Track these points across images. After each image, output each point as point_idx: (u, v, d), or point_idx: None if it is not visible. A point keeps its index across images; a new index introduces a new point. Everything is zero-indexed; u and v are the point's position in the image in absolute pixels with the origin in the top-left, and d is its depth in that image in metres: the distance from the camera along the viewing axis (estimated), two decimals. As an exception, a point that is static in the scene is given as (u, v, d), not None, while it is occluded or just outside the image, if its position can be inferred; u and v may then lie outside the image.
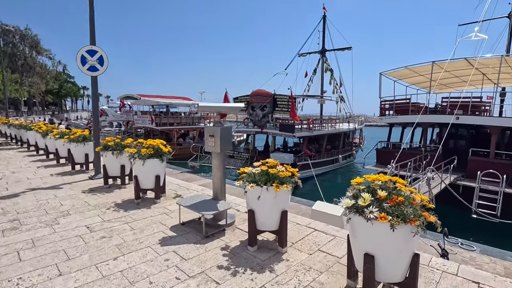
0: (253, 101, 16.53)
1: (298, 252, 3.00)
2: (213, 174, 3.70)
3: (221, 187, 3.69)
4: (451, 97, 13.10)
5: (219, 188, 3.68)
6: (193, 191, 5.27)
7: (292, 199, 9.35)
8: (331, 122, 20.31)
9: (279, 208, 2.94)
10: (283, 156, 15.84)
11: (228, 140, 3.60)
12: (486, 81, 15.29)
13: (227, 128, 3.60)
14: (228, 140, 3.61)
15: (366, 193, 2.10)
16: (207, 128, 3.63)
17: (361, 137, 25.08)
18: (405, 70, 14.09)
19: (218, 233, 3.43)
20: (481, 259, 5.79)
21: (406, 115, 13.60)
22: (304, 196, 13.11)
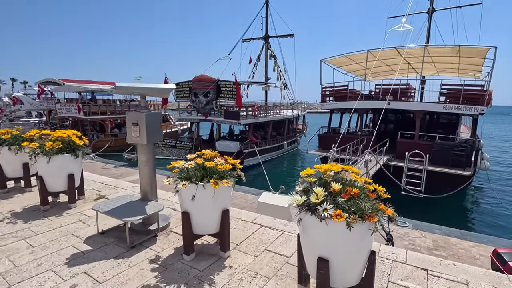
0: (195, 87, 15.57)
1: (243, 255, 2.61)
2: (140, 171, 3.07)
3: (150, 186, 3.08)
4: (383, 84, 14.05)
5: (148, 187, 3.07)
6: (121, 189, 4.50)
7: (239, 188, 9.04)
8: (276, 109, 20.45)
9: (219, 208, 2.49)
10: (229, 144, 15.41)
11: (156, 128, 2.98)
12: (411, 70, 16.86)
13: (155, 114, 2.98)
14: (156, 129, 2.99)
15: (319, 187, 1.77)
16: (129, 115, 2.95)
17: (304, 124, 25.97)
18: (343, 58, 14.67)
19: (148, 241, 2.85)
20: (413, 234, 6.25)
21: (345, 101, 14.25)
22: (251, 184, 12.96)
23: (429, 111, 12.60)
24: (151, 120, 2.92)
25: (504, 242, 5.75)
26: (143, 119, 2.86)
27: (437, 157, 10.95)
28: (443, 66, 16.92)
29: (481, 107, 11.00)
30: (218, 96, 15.45)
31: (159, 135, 3.06)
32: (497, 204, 11.31)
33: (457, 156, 10.75)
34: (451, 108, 11.51)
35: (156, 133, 3.01)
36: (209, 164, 2.39)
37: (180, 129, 26.18)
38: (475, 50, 11.67)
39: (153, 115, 2.96)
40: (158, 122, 3.04)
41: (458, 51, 12.18)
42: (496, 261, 3.20)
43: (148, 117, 2.89)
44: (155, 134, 2.99)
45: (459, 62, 14.48)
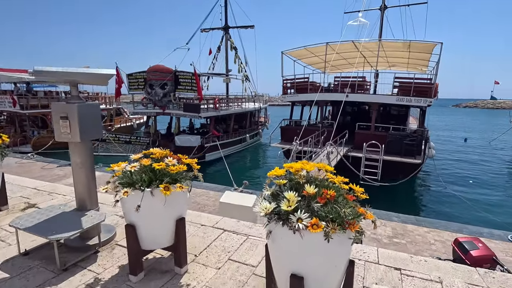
0: (151, 78, 14.51)
1: (203, 269, 2.26)
2: (74, 176, 2.53)
3: (89, 192, 2.56)
4: (341, 77, 14.39)
5: (86, 193, 2.55)
6: (58, 196, 3.83)
7: (200, 185, 8.57)
8: (237, 102, 20.05)
9: (172, 217, 2.10)
10: (189, 138, 14.73)
11: (92, 122, 2.46)
12: (367, 64, 17.56)
13: (90, 105, 2.45)
14: (93, 123, 2.47)
15: (290, 192, 1.48)
16: (55, 106, 2.39)
17: (266, 116, 25.97)
18: (303, 50, 14.72)
19: (86, 260, 2.36)
20: (374, 223, 6.42)
21: (306, 93, 14.35)
22: (213, 180, 12.53)
23: (383, 103, 13.21)
24: (86, 113, 2.39)
25: (454, 227, 6.13)
26: (75, 112, 2.32)
27: (391, 147, 11.51)
28: (395, 61, 17.90)
29: (429, 99, 11.78)
30: (176, 88, 14.58)
31: (97, 131, 2.54)
32: (443, 188, 12.32)
33: (409, 146, 11.42)
34: (403, 100, 12.16)
35: (93, 129, 2.48)
36: (159, 165, 1.98)
37: (136, 123, 24.56)
38: (423, 45, 12.41)
39: (88, 106, 2.43)
40: (95, 114, 2.51)
41: (408, 46, 12.87)
42: (458, 250, 3.27)
43: (81, 108, 2.36)
44: (92, 129, 2.47)
45: (409, 57, 15.38)
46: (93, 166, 2.57)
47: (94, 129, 2.49)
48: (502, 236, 5.83)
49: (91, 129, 2.46)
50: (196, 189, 8.29)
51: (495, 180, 14.19)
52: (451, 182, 13.19)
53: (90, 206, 2.59)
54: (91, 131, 2.46)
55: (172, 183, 1.99)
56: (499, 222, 9.33)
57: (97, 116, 2.53)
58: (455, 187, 12.63)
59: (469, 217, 9.60)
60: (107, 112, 24.04)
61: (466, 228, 6.16)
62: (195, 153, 14.05)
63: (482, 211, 10.13)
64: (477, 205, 10.69)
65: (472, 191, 12.16)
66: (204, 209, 6.98)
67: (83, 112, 2.37)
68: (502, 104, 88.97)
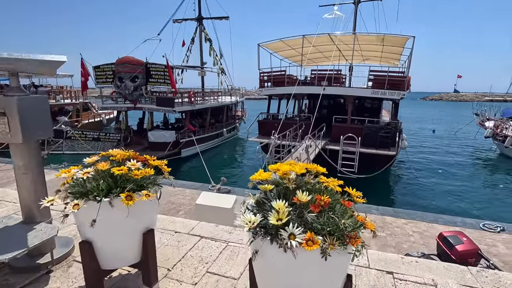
0: (120, 70, 13.63)
1: (177, 286, 1.98)
2: (18, 183, 2.12)
3: (37, 203, 2.16)
4: (318, 70, 14.36)
5: (34, 204, 2.15)
6: (6, 204, 3.33)
7: (175, 183, 8.18)
8: (213, 95, 19.54)
9: (138, 230, 1.78)
10: (163, 133, 14.11)
11: (39, 119, 2.06)
12: (342, 58, 17.71)
13: (35, 98, 2.05)
14: (40, 120, 2.08)
15: (279, 200, 1.23)
16: (-13, 100, 1.96)
17: (243, 110, 25.63)
18: (280, 43, 14.51)
19: (36, 283, 1.98)
20: (354, 216, 6.42)
21: (283, 86, 14.20)
22: (189, 177, 12.09)
23: (359, 96, 13.37)
24: (29, 108, 1.99)
25: (430, 217, 6.26)
26: (14, 106, 1.91)
27: (367, 139, 11.69)
28: (369, 54, 18.21)
29: (402, 92, 12.06)
30: (148, 81, 13.83)
31: (45, 129, 2.14)
32: (415, 178, 12.78)
33: (383, 138, 11.65)
34: (377, 93, 12.37)
35: (40, 127, 2.08)
36: (119, 170, 1.65)
37: (105, 118, 23.29)
38: (396, 39, 12.64)
39: (32, 99, 2.02)
40: (42, 109, 2.11)
41: (382, 40, 13.07)
42: (443, 245, 3.23)
43: (23, 102, 1.95)
44: (38, 127, 2.07)
45: (382, 51, 15.67)
46: (41, 169, 2.17)
47: (40, 126, 2.09)
48: (474, 224, 6.03)
49: (37, 127, 2.06)
50: (170, 188, 7.89)
51: (461, 169, 14.98)
52: (422, 171, 13.73)
53: (39, 217, 2.19)
54: (36, 130, 2.06)
55: (137, 190, 1.68)
56: (466, 209, 9.81)
57: (45, 111, 2.13)
58: (426, 176, 13.15)
59: (441, 205, 9.99)
60: (72, 106, 22.52)
61: (441, 218, 6.32)
62: (170, 149, 13.49)
63: (452, 199, 10.60)
64: (447, 194, 11.18)
65: (441, 181, 12.70)
66: (180, 209, 6.61)
67: (26, 106, 1.97)
68: (464, 96, 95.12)
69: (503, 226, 5.87)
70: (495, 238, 5.48)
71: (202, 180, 11.02)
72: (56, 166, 8.46)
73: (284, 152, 10.79)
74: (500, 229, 5.73)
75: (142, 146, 13.99)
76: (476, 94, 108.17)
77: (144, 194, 1.65)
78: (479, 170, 15.27)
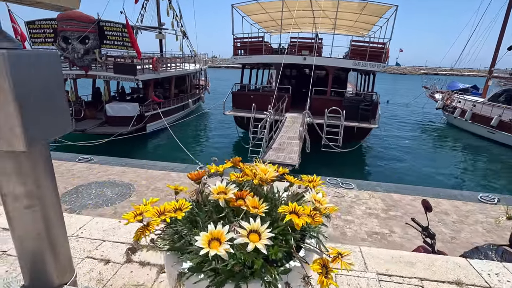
0: (64, 28, 11.09)
1: None
2: (14, 225, 1.09)
3: (52, 252, 1.17)
4: (299, 38, 13.50)
5: (48, 255, 1.16)
6: None
7: (154, 165, 7.06)
8: (177, 62, 17.58)
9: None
10: (125, 106, 12.27)
11: (51, 97, 1.03)
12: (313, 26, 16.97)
13: (40, 55, 0.99)
14: (54, 99, 1.04)
15: None
16: None
17: (206, 79, 23.88)
18: (256, 5, 13.18)
19: None
20: (363, 195, 6.14)
21: (260, 55, 13.13)
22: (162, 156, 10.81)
23: (340, 67, 13.00)
24: (33, 76, 0.94)
25: (431, 192, 6.30)
26: (3, 74, 0.85)
27: (347, 112, 11.55)
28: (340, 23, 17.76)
29: (382, 64, 11.99)
30: (102, 43, 11.57)
31: (62, 118, 1.10)
32: (385, 149, 13.28)
33: (364, 111, 11.63)
34: (358, 64, 12.11)
35: (53, 113, 1.05)
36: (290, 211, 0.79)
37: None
38: (377, 7, 12.26)
39: (35, 57, 0.97)
40: (55, 81, 1.06)
41: (363, 8, 12.60)
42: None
43: (20, 63, 0.90)
44: (51, 115, 1.04)
45: (356, 20, 15.31)
46: (57, 197, 1.16)
47: (54, 112, 1.05)
48: (472, 197, 6.22)
49: (49, 115, 1.03)
50: (153, 172, 6.80)
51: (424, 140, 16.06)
52: (390, 143, 14.31)
53: (56, 277, 1.21)
54: (49, 120, 1.03)
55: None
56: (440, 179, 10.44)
57: (59, 83, 1.08)
58: (397, 147, 13.76)
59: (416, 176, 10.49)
60: None
61: (442, 192, 6.43)
62: (133, 124, 11.85)
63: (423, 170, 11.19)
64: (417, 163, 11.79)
65: (410, 151, 13.40)
66: (172, 197, 5.67)
67: (27, 74, 0.92)
68: (404, 70, 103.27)
69: (497, 197, 6.14)
70: (495, 210, 5.69)
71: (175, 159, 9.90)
72: None
73: (264, 127, 9.96)
74: (497, 201, 5.98)
75: (98, 121, 12.07)
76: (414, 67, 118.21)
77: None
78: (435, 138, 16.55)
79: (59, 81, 1.07)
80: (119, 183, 5.96)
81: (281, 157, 6.91)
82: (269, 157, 6.78)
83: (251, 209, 0.76)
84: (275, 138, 8.84)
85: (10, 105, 0.87)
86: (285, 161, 6.62)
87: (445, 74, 59.65)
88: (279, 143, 8.27)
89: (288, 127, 10.12)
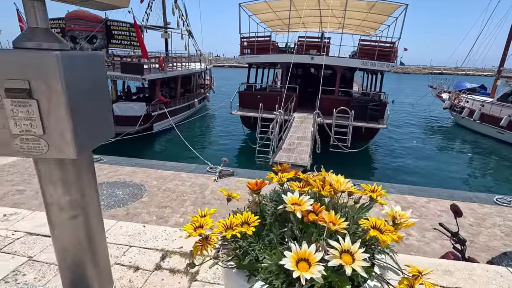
0: (72, 28, 11.11)
1: None
2: (56, 233, 1.03)
3: (94, 263, 1.12)
4: (307, 37, 13.39)
5: (89, 266, 1.10)
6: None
7: (163, 165, 7.02)
8: (183, 62, 17.56)
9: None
10: (132, 106, 12.26)
11: (98, 101, 0.97)
12: (321, 26, 16.87)
13: (87, 56, 0.93)
14: (100, 103, 0.98)
15: None
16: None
17: (211, 79, 23.84)
18: (263, 4, 13.10)
19: None
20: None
21: (267, 54, 13.04)
22: (170, 156, 10.78)
23: (348, 66, 12.88)
24: (82, 79, 0.88)
25: (446, 194, 6.19)
26: (56, 76, 0.79)
27: (355, 112, 11.44)
28: (347, 22, 17.62)
29: (391, 64, 11.85)
30: (109, 42, 11.57)
31: (106, 124, 1.05)
32: (395, 149, 13.15)
33: (373, 111, 11.51)
34: (367, 64, 11.98)
35: (100, 117, 0.99)
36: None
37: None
38: (386, 6, 12.11)
39: (83, 58, 0.91)
40: (100, 83, 1.00)
41: (371, 7, 12.46)
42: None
43: (72, 65, 0.84)
44: (98, 120, 0.98)
45: (364, 19, 15.16)
46: (98, 206, 1.11)
47: (100, 117, 1.00)
48: (488, 199, 6.10)
49: (96, 120, 0.97)
50: (163, 172, 6.75)
51: (432, 140, 15.88)
52: (398, 143, 14.16)
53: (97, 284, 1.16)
54: (96, 126, 0.97)
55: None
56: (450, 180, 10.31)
57: (103, 86, 1.02)
58: (405, 148, 13.62)
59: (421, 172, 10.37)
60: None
61: (456, 194, 6.32)
62: (141, 123, 11.83)
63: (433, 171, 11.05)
64: (425, 162, 11.65)
65: (416, 151, 13.25)
66: (184, 198, 5.61)
67: (78, 76, 0.86)
68: (408, 69, 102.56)
69: (513, 199, 6.01)
70: (514, 213, 5.58)
71: (183, 159, 9.86)
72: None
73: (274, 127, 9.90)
74: (513, 203, 5.86)
75: None
76: (418, 66, 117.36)
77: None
78: (443, 139, 16.37)
79: (104, 84, 1.01)
80: (130, 184, 5.93)
81: (292, 157, 6.83)
82: (280, 157, 6.71)
83: (331, 226, 0.70)
84: (284, 139, 8.77)
85: (62, 109, 0.81)
86: (296, 162, 6.54)
87: (450, 74, 59.14)
88: (289, 144, 8.19)
89: (297, 127, 10.02)
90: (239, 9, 12.73)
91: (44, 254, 1.77)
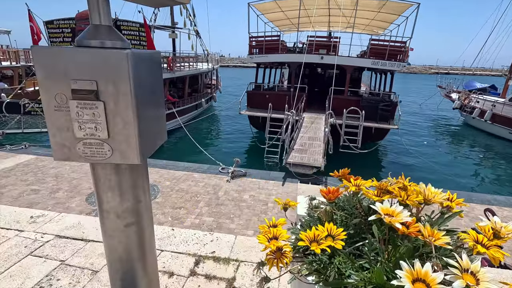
0: (82, 28, 11.13)
1: None
2: (109, 241, 0.99)
3: (145, 272, 1.07)
4: (317, 37, 13.29)
5: (140, 277, 1.05)
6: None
7: (175, 165, 6.99)
8: (191, 61, 17.57)
9: None
10: (141, 106, 12.25)
11: (155, 105, 0.92)
12: (332, 25, 16.74)
13: (148, 54, 0.88)
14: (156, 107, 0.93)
15: None
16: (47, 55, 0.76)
17: (218, 78, 23.83)
18: (272, 3, 13.02)
19: None
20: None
21: (276, 54, 12.96)
22: (180, 156, 10.77)
23: (357, 66, 12.75)
24: (148, 79, 0.83)
25: (463, 196, 6.07)
26: (125, 76, 0.74)
27: (366, 112, 11.31)
28: (356, 21, 17.46)
29: (402, 63, 11.69)
30: (119, 42, 11.57)
31: (161, 128, 1.00)
32: (405, 150, 12.98)
33: (383, 111, 11.37)
34: (377, 63, 11.83)
35: (156, 121, 0.94)
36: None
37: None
38: (397, 5, 11.95)
39: (145, 56, 0.86)
40: (158, 85, 0.95)
41: (382, 6, 12.31)
42: None
43: (139, 65, 0.79)
44: (155, 123, 0.93)
45: (373, 18, 15.00)
46: (151, 212, 1.05)
47: (156, 120, 0.95)
48: (507, 202, 5.96)
49: (154, 123, 0.92)
50: (175, 172, 6.72)
51: (442, 140, 15.66)
52: (407, 143, 13.97)
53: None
54: (154, 129, 0.92)
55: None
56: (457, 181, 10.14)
57: (161, 86, 0.97)
58: (415, 148, 13.43)
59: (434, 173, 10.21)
60: (12, 71, 18.83)
61: (475, 197, 6.18)
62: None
63: (445, 172, 10.88)
64: (435, 164, 11.47)
65: (427, 152, 13.07)
66: (198, 199, 5.57)
67: (143, 76, 0.81)
68: (414, 69, 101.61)
69: (534, 202, 5.87)
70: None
71: (193, 159, 9.81)
72: (15, 147, 6.71)
73: (286, 127, 9.86)
74: (535, 206, 5.71)
75: None
76: (424, 66, 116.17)
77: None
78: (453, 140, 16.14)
79: (161, 85, 0.96)
80: (144, 184, 5.88)
81: (305, 158, 6.75)
82: (293, 158, 6.63)
83: (431, 240, 0.63)
84: (296, 139, 8.69)
85: (129, 111, 0.76)
86: (310, 162, 6.46)
87: (457, 74, 58.42)
88: (301, 144, 8.11)
89: (307, 127, 9.93)
90: (248, 9, 12.67)
91: (76, 258, 1.72)
